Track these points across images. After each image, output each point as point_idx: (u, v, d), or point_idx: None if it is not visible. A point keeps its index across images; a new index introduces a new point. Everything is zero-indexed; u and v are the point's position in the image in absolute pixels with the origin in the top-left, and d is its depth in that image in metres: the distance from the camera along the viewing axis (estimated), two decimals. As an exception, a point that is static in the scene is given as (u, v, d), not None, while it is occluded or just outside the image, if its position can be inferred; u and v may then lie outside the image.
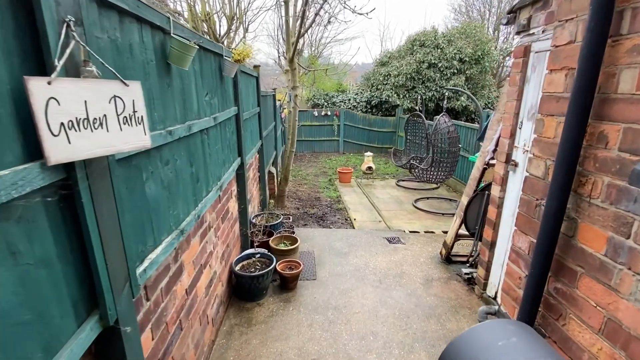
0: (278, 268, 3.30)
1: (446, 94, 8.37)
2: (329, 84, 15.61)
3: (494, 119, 3.11)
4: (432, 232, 5.01)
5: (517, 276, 1.78)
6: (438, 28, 12.62)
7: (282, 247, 3.63)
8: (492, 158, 3.15)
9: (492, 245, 3.05)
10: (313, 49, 20.13)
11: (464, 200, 3.57)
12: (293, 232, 4.16)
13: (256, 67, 4.58)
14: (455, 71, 11.29)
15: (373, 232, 4.90)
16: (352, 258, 4.03)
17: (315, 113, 11.78)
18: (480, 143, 5.22)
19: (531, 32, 2.47)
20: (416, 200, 6.72)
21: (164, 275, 1.61)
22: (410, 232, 5.01)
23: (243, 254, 3.32)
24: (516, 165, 2.71)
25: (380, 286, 3.44)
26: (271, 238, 3.72)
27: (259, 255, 3.30)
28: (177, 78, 1.65)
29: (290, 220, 4.75)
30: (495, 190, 2.96)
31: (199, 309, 2.18)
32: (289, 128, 5.79)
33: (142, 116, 1.00)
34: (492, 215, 3.01)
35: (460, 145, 6.24)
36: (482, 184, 3.39)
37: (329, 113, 11.80)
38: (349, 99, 12.72)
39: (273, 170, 6.55)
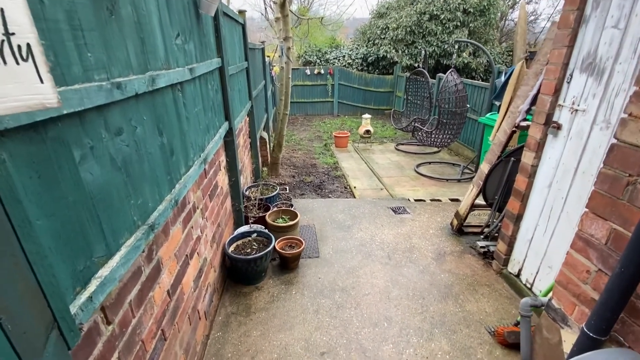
0: (277, 247, 2.95)
1: (456, 47, 7.63)
2: (321, 39, 14.47)
3: (531, 71, 2.62)
4: (439, 200, 4.69)
5: (583, 269, 1.43)
6: (441, -26, 11.42)
7: (280, 222, 3.25)
8: (524, 119, 2.71)
9: (517, 218, 2.72)
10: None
11: (484, 168, 3.18)
12: (291, 205, 3.77)
13: (242, 12, 3.87)
14: (459, 24, 10.41)
15: (376, 201, 4.55)
16: (356, 231, 3.70)
17: (308, 71, 10.92)
18: (495, 102, 4.76)
19: (599, -47, 1.91)
20: (418, 166, 6.35)
21: (133, 284, 1.20)
22: (415, 200, 4.68)
23: (237, 232, 2.93)
24: (559, 127, 2.29)
25: (390, 263, 3.14)
26: (268, 213, 3.32)
27: (255, 234, 2.92)
28: (126, 3, 1.11)
29: (287, 190, 4.34)
30: (527, 158, 2.56)
31: (186, 307, 1.81)
32: (281, 88, 5.16)
33: (27, 44, 0.51)
34: (521, 185, 2.64)
35: (468, 106, 5.74)
36: (507, 150, 2.99)
37: (322, 71, 10.95)
38: (344, 56, 11.79)
39: (265, 135, 6.01)
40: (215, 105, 2.40)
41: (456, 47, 8.51)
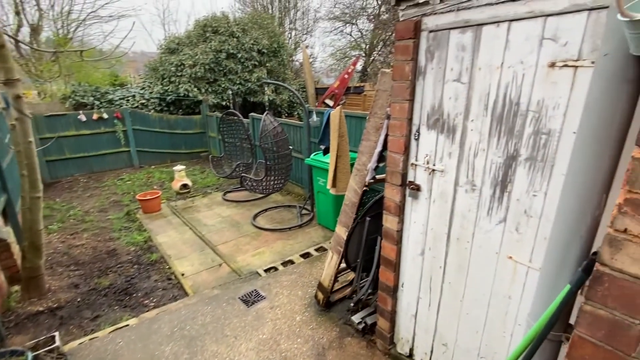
0: None
1: (266, 88, 7.43)
2: (97, 76, 11.54)
3: (370, 126, 2.31)
4: (291, 262, 4.03)
5: None
6: (228, 14, 11.48)
7: None
8: (373, 178, 2.37)
9: (394, 290, 2.33)
10: (61, 25, 14.42)
11: (341, 232, 2.70)
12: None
13: None
14: (257, 63, 10.65)
15: (218, 294, 3.36)
16: (200, 368, 2.42)
17: (83, 117, 8.18)
18: (321, 146, 4.62)
19: (421, 0, 1.69)
20: (255, 217, 5.58)
21: None
22: (265, 271, 3.82)
23: None
24: (418, 189, 2.00)
25: (264, 410, 2.10)
26: None
27: None
28: None
29: (54, 343, 2.42)
30: (390, 222, 2.19)
31: None
32: (19, 158, 3.14)
33: None
34: (390, 253, 2.26)
35: (291, 147, 5.50)
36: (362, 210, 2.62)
37: (104, 116, 8.48)
38: (133, 95, 9.70)
39: (7, 233, 3.61)
40: None
41: (265, 88, 8.48)
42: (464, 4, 1.52)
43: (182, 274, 3.94)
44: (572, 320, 1.25)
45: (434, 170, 1.89)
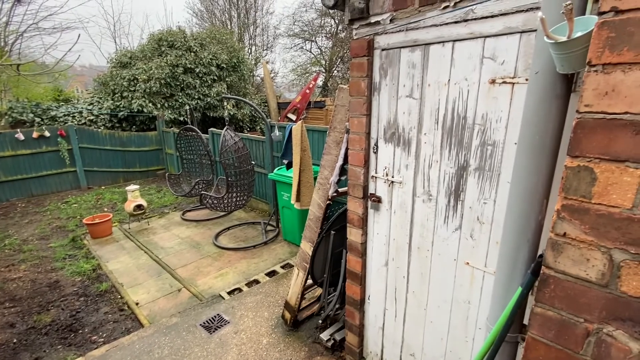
0: None
1: (225, 103, 7.29)
2: (38, 91, 10.63)
3: (330, 140, 2.33)
4: (257, 282, 3.89)
5: None
6: (185, 29, 11.25)
7: None
8: (336, 191, 2.38)
9: (361, 303, 2.32)
10: (-6, 38, 13.17)
11: (306, 247, 2.66)
12: None
13: None
14: (216, 78, 10.47)
15: (178, 322, 3.13)
16: (156, 407, 2.21)
17: (21, 136, 7.43)
18: (284, 161, 4.58)
19: (372, 20, 1.77)
20: (217, 237, 5.35)
21: None
22: (229, 293, 3.64)
23: None
24: (379, 201, 2.03)
25: None
26: None
27: None
28: None
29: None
30: (354, 235, 2.20)
31: None
32: None
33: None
34: (356, 266, 2.25)
35: (253, 163, 5.40)
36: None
37: (46, 134, 7.78)
38: (80, 112, 9.05)
39: None
40: None
41: (225, 103, 8.33)
42: (412, 25, 1.61)
43: (137, 303, 3.63)
44: (526, 321, 1.31)
45: (392, 182, 1.93)
